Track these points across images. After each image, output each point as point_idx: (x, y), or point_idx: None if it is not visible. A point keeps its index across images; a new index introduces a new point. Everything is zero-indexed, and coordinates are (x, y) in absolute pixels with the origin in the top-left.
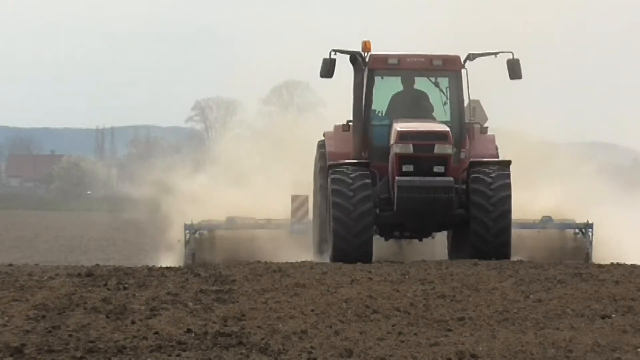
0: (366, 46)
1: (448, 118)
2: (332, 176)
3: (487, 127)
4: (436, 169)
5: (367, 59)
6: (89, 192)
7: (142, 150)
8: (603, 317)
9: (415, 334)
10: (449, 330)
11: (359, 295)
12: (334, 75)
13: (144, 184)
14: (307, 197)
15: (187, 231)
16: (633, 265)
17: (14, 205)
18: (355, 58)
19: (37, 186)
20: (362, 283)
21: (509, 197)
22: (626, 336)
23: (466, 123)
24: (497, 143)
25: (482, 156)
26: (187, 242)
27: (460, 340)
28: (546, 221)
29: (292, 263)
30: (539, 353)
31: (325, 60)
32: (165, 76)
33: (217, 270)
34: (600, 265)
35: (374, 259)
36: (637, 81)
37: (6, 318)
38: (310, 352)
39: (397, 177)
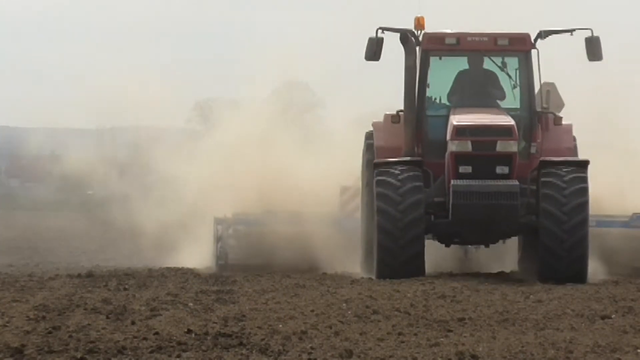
0: (419, 23)
1: (518, 105)
2: (378, 178)
3: (561, 117)
4: (499, 169)
5: (420, 38)
6: (89, 192)
7: (142, 150)
8: (603, 318)
9: (415, 334)
10: (449, 330)
11: (359, 296)
12: (333, 76)
13: (151, 181)
14: (359, 189)
15: (219, 226)
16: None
17: (14, 206)
18: (406, 37)
19: (37, 186)
20: (362, 283)
21: (586, 218)
22: (626, 336)
23: (538, 112)
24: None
25: (556, 150)
26: (219, 240)
27: (460, 341)
28: (637, 219)
29: (292, 265)
30: (539, 354)
31: (371, 40)
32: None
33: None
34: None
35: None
36: None
37: (6, 319)
38: (310, 353)
39: (452, 181)
